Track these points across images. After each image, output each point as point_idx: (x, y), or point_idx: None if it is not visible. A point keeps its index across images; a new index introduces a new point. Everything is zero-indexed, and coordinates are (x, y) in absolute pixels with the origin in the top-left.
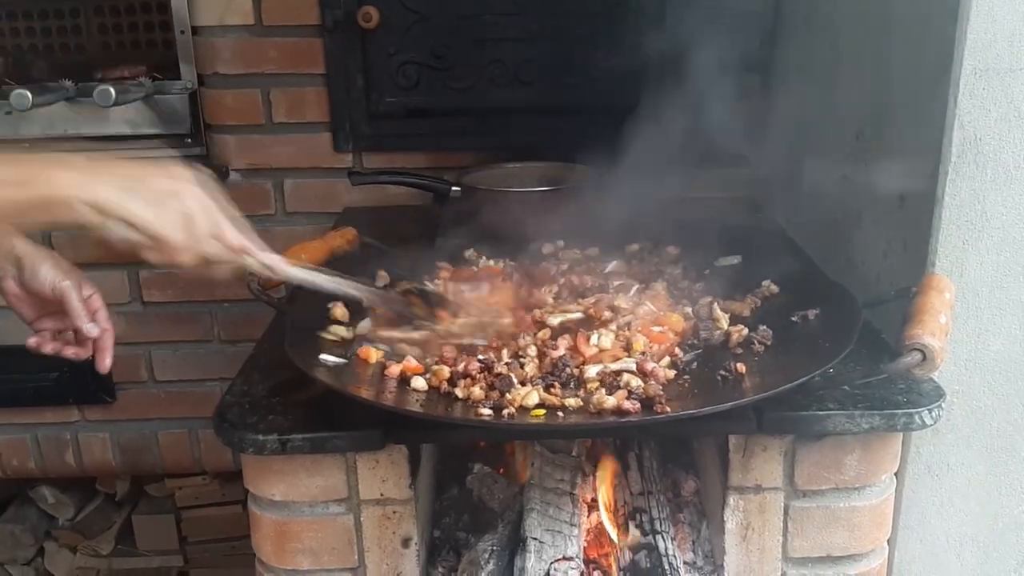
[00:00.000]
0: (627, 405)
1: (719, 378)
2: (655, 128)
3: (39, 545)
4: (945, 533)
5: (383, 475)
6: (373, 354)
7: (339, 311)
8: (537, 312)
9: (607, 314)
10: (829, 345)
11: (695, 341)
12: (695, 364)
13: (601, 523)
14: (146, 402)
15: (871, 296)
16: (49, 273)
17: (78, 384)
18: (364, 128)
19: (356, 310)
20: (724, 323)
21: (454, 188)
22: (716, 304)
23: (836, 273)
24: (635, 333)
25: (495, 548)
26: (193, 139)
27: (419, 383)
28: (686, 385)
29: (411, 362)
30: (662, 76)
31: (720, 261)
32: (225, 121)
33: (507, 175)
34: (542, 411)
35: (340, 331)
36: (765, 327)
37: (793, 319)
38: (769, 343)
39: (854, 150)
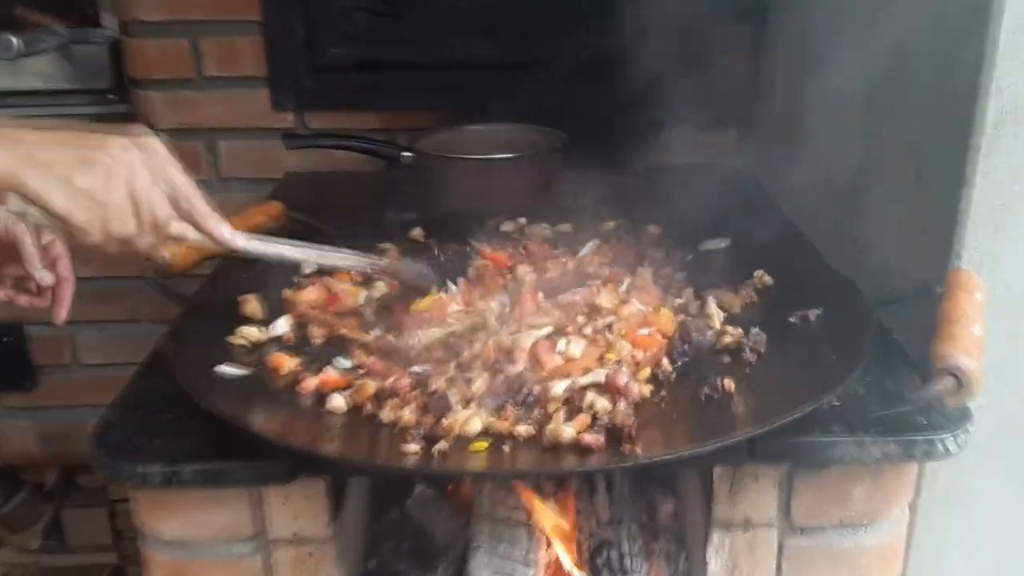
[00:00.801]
0: (588, 439)
1: (703, 397)
2: (634, 86)
3: None
4: (965, 569)
5: (296, 511)
6: (286, 363)
7: (251, 306)
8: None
9: (580, 318)
10: (836, 358)
11: (684, 347)
12: (675, 375)
13: (558, 566)
14: (72, 387)
15: (884, 295)
16: (1, 214)
17: None
18: (306, 83)
19: (275, 306)
20: (717, 322)
21: (404, 153)
22: (712, 299)
23: (838, 257)
24: (617, 338)
25: None
26: (116, 95)
27: (337, 402)
28: (663, 406)
29: (331, 374)
30: (642, 29)
31: (705, 244)
32: (150, 75)
33: (467, 139)
34: (484, 444)
35: (250, 333)
36: (758, 330)
37: (791, 320)
38: (762, 351)
39: (863, 114)
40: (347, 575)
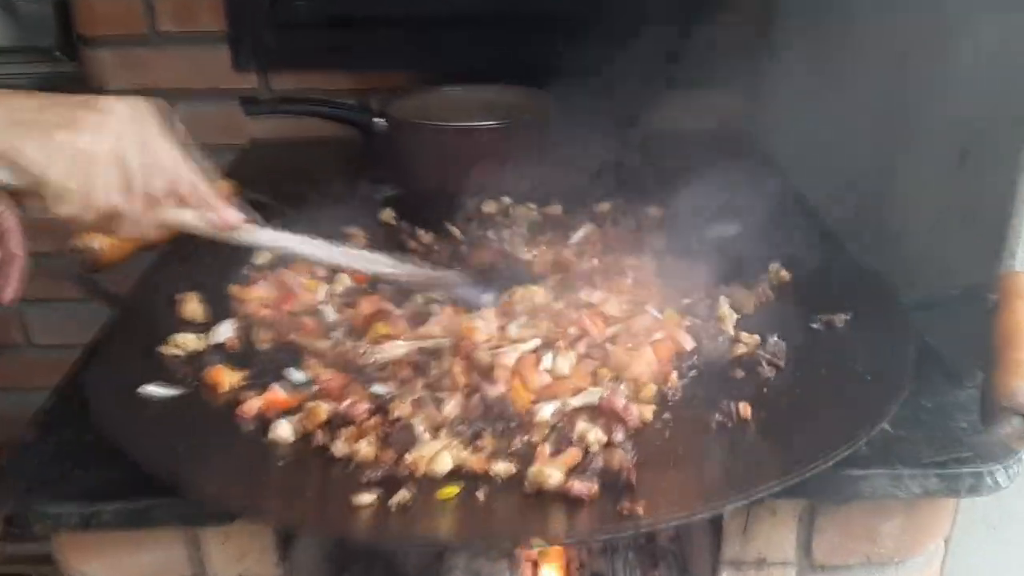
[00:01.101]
0: (578, 489)
1: (714, 425)
2: (632, 44)
3: None
4: None
5: (240, 550)
6: (226, 378)
7: (191, 306)
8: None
9: (572, 330)
10: (871, 379)
11: (695, 361)
12: (679, 395)
13: None
14: (23, 369)
15: (921, 297)
16: None
17: None
18: (270, 40)
19: (222, 305)
20: (730, 326)
21: (377, 120)
22: (724, 298)
23: (863, 248)
24: (620, 352)
25: None
26: (64, 54)
27: (283, 430)
28: (667, 434)
29: (277, 393)
30: None
31: (712, 230)
32: (99, 32)
33: (446, 103)
34: (454, 490)
35: (186, 341)
36: (776, 339)
37: (814, 326)
38: (782, 364)
39: (895, 77)
40: None
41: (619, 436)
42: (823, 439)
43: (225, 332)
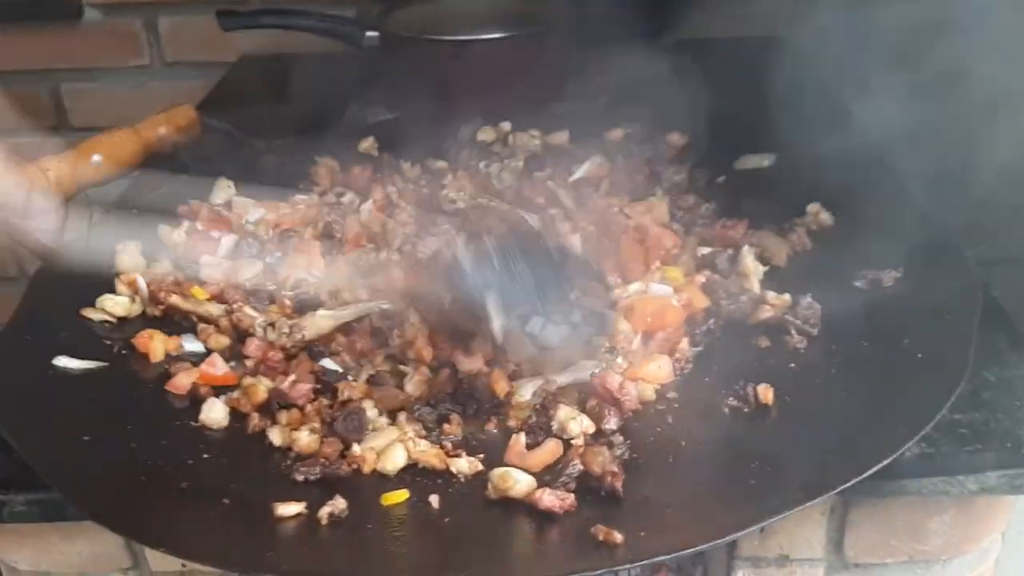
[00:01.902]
0: (548, 502)
1: (728, 410)
2: None
3: None
4: None
5: None
6: (158, 346)
7: (129, 256)
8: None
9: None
10: (922, 357)
11: (710, 325)
12: (689, 367)
13: None
14: None
15: (989, 246)
16: None
17: None
18: None
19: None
20: (755, 283)
21: (369, 34)
22: (748, 249)
23: (924, 188)
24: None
25: None
26: None
27: (216, 412)
28: (670, 419)
29: (214, 368)
30: None
31: (741, 161)
32: None
33: (446, 13)
34: (402, 496)
35: (116, 304)
36: (810, 300)
37: (857, 284)
38: (815, 332)
39: None
40: None
41: (611, 423)
42: (858, 440)
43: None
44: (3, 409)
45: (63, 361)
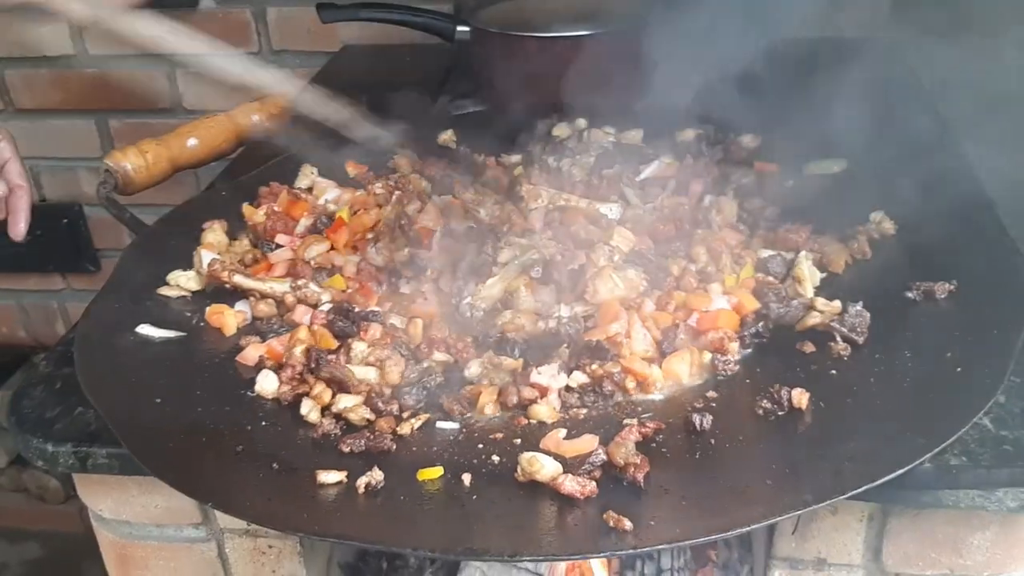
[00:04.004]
0: (569, 487)
1: (761, 411)
2: None
3: None
4: None
5: None
6: (229, 320)
7: (213, 234)
8: None
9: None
10: (961, 371)
11: (759, 328)
12: (735, 368)
13: (582, 572)
14: None
15: None
16: None
17: (58, 251)
18: None
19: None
20: (808, 289)
21: (460, 28)
22: (805, 255)
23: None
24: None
25: None
26: None
27: (266, 383)
28: (704, 418)
29: (302, 335)
30: None
31: (813, 166)
32: None
33: (537, 9)
34: (437, 472)
35: (183, 280)
36: (860, 308)
37: (909, 295)
38: (861, 340)
39: None
40: (322, 567)
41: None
42: (880, 449)
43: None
44: (86, 370)
45: (145, 329)
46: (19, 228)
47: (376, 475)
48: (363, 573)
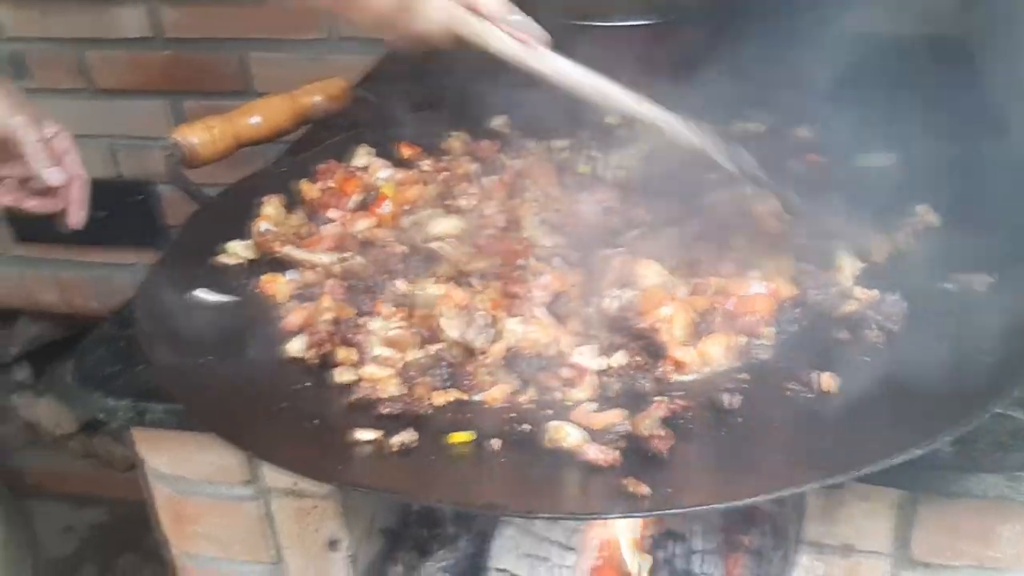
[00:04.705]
0: (592, 454)
1: (790, 396)
2: None
3: None
4: None
5: None
6: (281, 287)
7: (271, 207)
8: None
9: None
10: (992, 360)
11: (796, 314)
12: (769, 353)
13: (613, 549)
14: None
15: None
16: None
17: (131, 226)
18: None
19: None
20: (848, 276)
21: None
22: (844, 244)
23: None
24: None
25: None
26: None
27: (296, 344)
28: (734, 397)
29: (325, 303)
30: None
31: (863, 158)
32: None
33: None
34: (469, 435)
35: (240, 249)
36: (897, 297)
37: (947, 285)
38: (895, 328)
39: None
40: (364, 530)
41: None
42: (895, 432)
43: (268, 230)
44: (144, 329)
45: (200, 293)
46: (78, 216)
47: (410, 435)
48: (403, 539)
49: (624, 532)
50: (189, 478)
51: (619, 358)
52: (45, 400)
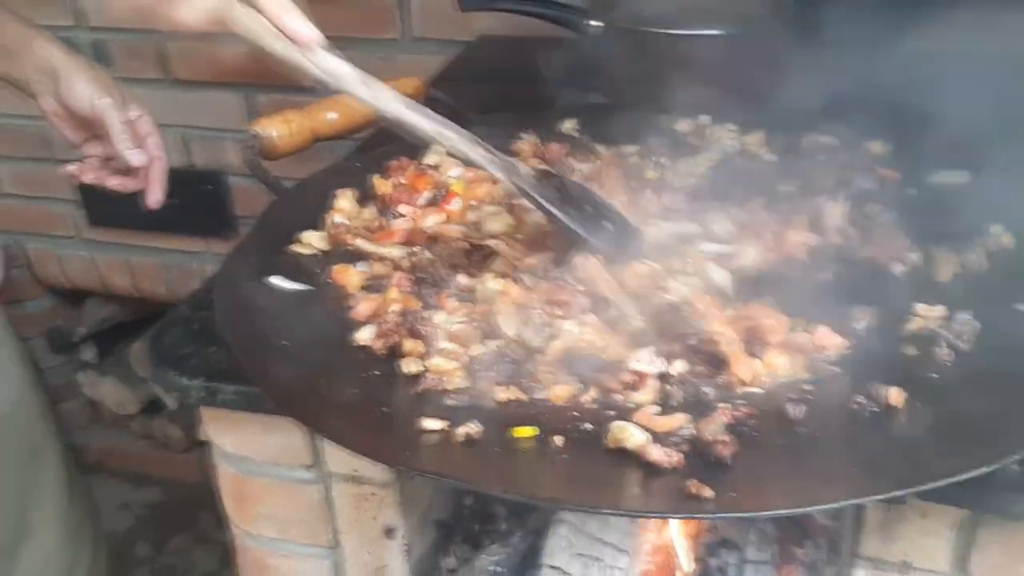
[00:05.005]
0: (655, 455)
1: (856, 409)
2: None
3: None
4: None
5: None
6: (353, 277)
7: (344, 200)
8: None
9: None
10: None
11: (861, 328)
12: (837, 365)
13: (666, 554)
14: None
15: None
16: (86, 89)
17: (200, 215)
18: None
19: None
20: (915, 294)
21: (591, 23)
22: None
23: None
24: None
25: (500, 572)
26: None
27: (365, 333)
28: (798, 408)
29: (392, 295)
30: None
31: (938, 175)
32: None
33: (673, 7)
34: (532, 431)
35: (314, 239)
36: (969, 316)
37: (1020, 307)
38: (965, 347)
39: None
40: (419, 520)
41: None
42: (969, 449)
43: (343, 223)
44: (223, 314)
45: (276, 280)
46: (156, 196)
47: (475, 427)
48: (455, 532)
49: (679, 537)
50: (254, 459)
51: (679, 366)
52: (109, 380)
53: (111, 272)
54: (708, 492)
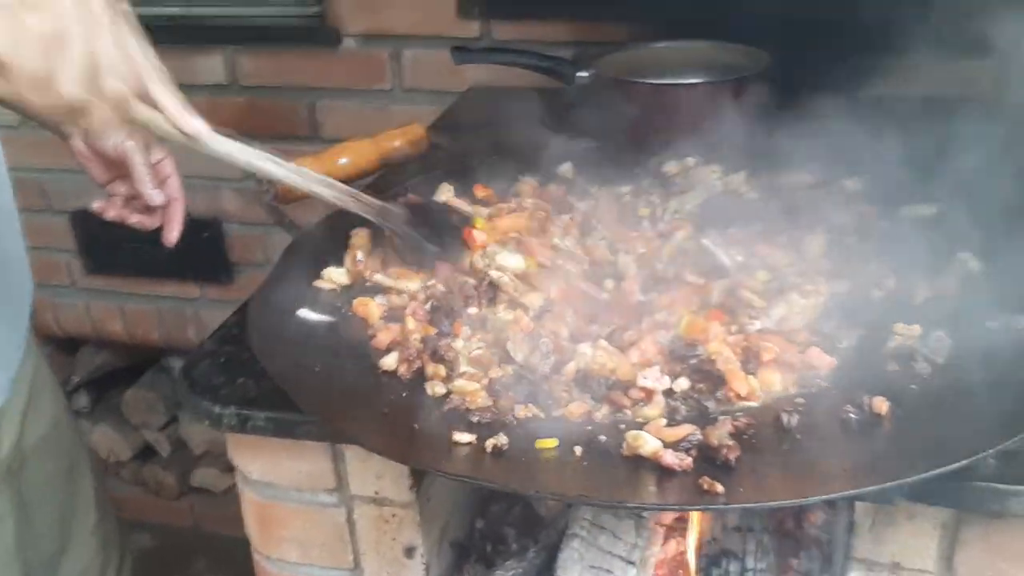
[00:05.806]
0: (669, 459)
1: (845, 417)
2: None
3: (172, 413)
4: None
5: (378, 470)
6: (373, 309)
7: (359, 239)
8: None
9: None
10: None
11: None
12: (826, 379)
13: (673, 566)
14: None
15: None
16: (113, 132)
17: (197, 261)
18: None
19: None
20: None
21: (580, 73)
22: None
23: None
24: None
25: None
26: None
27: (389, 359)
28: (792, 417)
29: (410, 324)
30: None
31: (907, 209)
32: None
33: (654, 59)
34: (553, 443)
35: (336, 275)
36: (942, 334)
37: (990, 324)
38: (940, 361)
39: None
40: (436, 541)
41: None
42: (950, 447)
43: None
44: (259, 344)
45: (304, 313)
46: (172, 235)
47: (502, 439)
48: (469, 552)
49: (686, 546)
50: (278, 484)
51: (681, 383)
52: (101, 427)
53: (105, 319)
54: (719, 487)
